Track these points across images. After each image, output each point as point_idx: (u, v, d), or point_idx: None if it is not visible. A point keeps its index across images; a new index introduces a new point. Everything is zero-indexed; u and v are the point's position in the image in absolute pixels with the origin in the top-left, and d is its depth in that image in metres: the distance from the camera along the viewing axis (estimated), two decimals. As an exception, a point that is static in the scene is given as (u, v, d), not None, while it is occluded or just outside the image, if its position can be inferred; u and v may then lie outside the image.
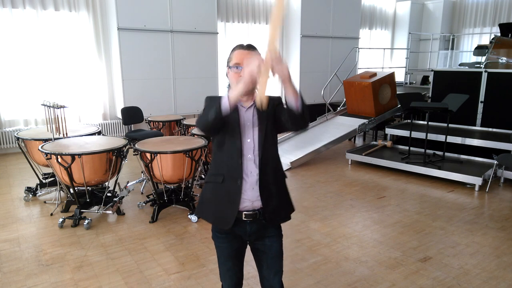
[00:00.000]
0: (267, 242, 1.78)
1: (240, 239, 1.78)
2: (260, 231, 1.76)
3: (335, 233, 3.50)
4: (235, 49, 1.68)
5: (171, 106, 7.13)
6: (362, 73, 6.90)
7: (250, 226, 1.73)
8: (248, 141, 1.68)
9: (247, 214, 1.69)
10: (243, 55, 1.63)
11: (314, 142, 6.13)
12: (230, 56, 1.69)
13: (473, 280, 2.74)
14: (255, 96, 1.67)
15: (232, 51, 1.69)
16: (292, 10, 8.64)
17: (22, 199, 4.29)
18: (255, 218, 1.71)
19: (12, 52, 6.15)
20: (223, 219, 1.71)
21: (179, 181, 3.80)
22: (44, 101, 4.05)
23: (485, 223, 3.72)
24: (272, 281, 1.82)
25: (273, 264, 1.80)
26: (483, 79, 5.92)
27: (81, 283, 2.70)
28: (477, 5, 10.56)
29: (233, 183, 1.67)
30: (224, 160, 1.69)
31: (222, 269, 1.83)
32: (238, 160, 1.65)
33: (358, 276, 2.79)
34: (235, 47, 1.70)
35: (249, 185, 1.68)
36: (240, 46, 1.68)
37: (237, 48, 1.68)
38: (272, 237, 1.79)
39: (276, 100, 1.74)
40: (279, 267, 1.82)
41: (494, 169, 4.80)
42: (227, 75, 1.73)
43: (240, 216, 1.69)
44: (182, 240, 3.34)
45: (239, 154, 1.66)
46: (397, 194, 4.53)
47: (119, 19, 6.33)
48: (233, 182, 1.67)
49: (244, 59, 1.60)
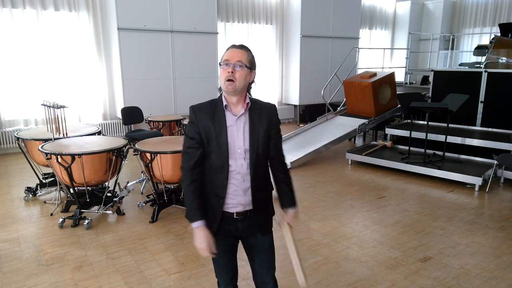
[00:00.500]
0: (259, 236, 1.79)
1: (232, 236, 1.79)
2: (252, 228, 1.77)
3: (335, 233, 3.50)
4: (227, 48, 1.67)
5: (171, 106, 7.14)
6: (362, 73, 6.90)
7: (242, 223, 1.74)
8: (238, 151, 1.65)
9: (239, 213, 1.71)
10: (234, 53, 1.62)
11: (314, 142, 6.13)
12: (223, 55, 1.68)
13: (473, 280, 2.74)
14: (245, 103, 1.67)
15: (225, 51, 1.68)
16: (292, 10, 8.64)
17: (22, 199, 4.29)
18: (246, 216, 1.73)
19: (12, 52, 6.15)
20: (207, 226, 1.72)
21: (179, 181, 3.80)
22: (44, 101, 4.05)
23: (485, 223, 3.72)
24: (265, 277, 1.83)
25: (266, 260, 1.82)
26: (483, 79, 5.92)
27: (81, 283, 2.70)
28: (477, 5, 10.57)
29: (215, 200, 1.69)
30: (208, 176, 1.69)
31: (217, 265, 1.84)
32: (224, 180, 1.65)
33: (358, 276, 2.79)
34: (228, 47, 1.68)
35: (240, 191, 1.68)
36: (233, 46, 1.67)
37: (229, 48, 1.67)
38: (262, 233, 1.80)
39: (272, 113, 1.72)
40: (272, 262, 1.84)
41: (494, 169, 4.80)
42: None
43: (231, 215, 1.71)
44: (182, 240, 3.34)
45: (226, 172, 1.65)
46: (397, 194, 4.53)
47: (119, 19, 6.33)
48: (216, 199, 1.68)
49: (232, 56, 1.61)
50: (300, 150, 5.92)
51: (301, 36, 8.52)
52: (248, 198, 1.69)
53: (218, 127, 1.62)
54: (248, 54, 1.64)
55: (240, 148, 1.65)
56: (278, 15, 8.85)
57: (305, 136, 6.51)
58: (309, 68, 8.87)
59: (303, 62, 8.72)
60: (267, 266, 1.82)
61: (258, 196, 1.72)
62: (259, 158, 1.68)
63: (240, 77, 1.60)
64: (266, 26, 8.76)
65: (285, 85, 9.26)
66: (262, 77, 8.82)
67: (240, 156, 1.65)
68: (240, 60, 1.60)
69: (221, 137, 1.63)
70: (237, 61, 1.59)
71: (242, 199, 1.68)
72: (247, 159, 1.65)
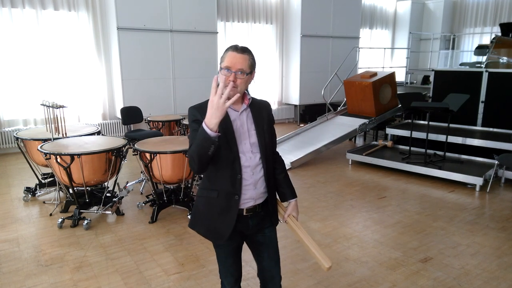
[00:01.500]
0: (267, 232, 1.82)
1: (239, 235, 1.79)
2: (260, 223, 1.79)
3: (336, 234, 3.49)
4: (228, 49, 1.64)
5: (170, 106, 7.12)
6: (362, 73, 6.89)
7: (252, 219, 1.76)
8: (245, 144, 1.67)
9: (249, 209, 1.73)
10: (235, 59, 1.59)
11: (314, 142, 6.12)
12: (223, 56, 1.65)
13: (474, 281, 2.73)
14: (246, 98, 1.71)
15: (225, 51, 1.64)
16: (292, 9, 8.63)
17: (21, 199, 4.28)
18: (255, 212, 1.74)
19: (11, 52, 6.14)
20: (216, 234, 1.72)
21: (178, 181, 3.79)
22: (44, 101, 4.04)
23: (486, 223, 3.71)
24: (274, 271, 1.86)
25: (273, 254, 1.85)
26: (483, 79, 5.90)
27: (80, 283, 2.69)
28: (478, 5, 10.55)
29: (229, 198, 1.68)
30: (219, 174, 1.67)
31: (223, 266, 1.84)
32: (237, 175, 1.65)
33: (358, 277, 2.78)
34: (229, 48, 1.65)
35: (251, 186, 1.69)
36: (234, 48, 1.63)
37: (230, 50, 1.63)
38: (270, 227, 1.83)
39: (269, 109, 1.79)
40: (278, 256, 1.87)
41: (495, 169, 4.79)
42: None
43: (241, 213, 1.72)
44: (182, 241, 3.33)
45: (238, 167, 1.65)
46: (397, 194, 4.52)
47: (118, 18, 6.32)
48: (229, 197, 1.67)
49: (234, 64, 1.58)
50: (300, 150, 5.91)
51: (301, 35, 8.51)
52: (259, 191, 1.72)
53: (223, 123, 1.60)
54: (249, 58, 1.63)
55: (246, 142, 1.67)
56: (278, 14, 8.84)
57: (305, 136, 6.49)
58: (309, 68, 8.85)
59: (303, 62, 8.71)
60: (275, 260, 1.86)
61: (270, 186, 1.76)
62: (267, 149, 1.73)
63: (241, 83, 1.62)
64: (266, 26, 8.75)
65: (285, 85, 9.25)
66: (262, 77, 8.82)
67: (248, 150, 1.67)
68: (241, 68, 1.59)
69: (228, 132, 1.64)
70: (238, 69, 1.59)
71: (253, 193, 1.70)
72: (255, 152, 1.69)
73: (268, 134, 1.74)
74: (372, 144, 6.36)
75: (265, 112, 1.76)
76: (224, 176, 1.66)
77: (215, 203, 1.69)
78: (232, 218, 1.68)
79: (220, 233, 1.70)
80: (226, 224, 1.69)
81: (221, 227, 1.69)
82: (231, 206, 1.68)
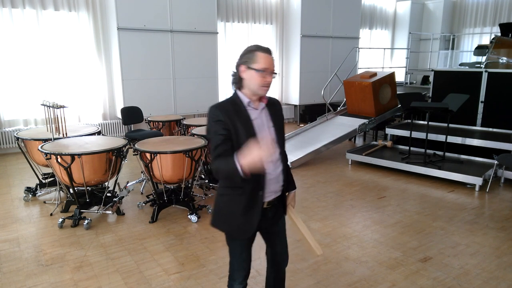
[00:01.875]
0: (280, 223, 1.94)
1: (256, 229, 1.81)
2: (276, 214, 1.88)
3: (335, 233, 3.49)
4: (256, 50, 1.66)
5: (171, 106, 7.13)
6: (362, 73, 6.89)
7: (270, 211, 1.83)
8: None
9: (270, 202, 1.80)
10: (269, 60, 1.67)
11: (314, 142, 6.13)
12: (249, 56, 1.66)
13: (474, 281, 2.73)
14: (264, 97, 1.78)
15: (252, 52, 1.66)
16: (292, 9, 8.64)
17: (21, 199, 4.28)
18: (273, 204, 1.84)
19: (11, 52, 6.14)
20: (241, 230, 1.77)
21: (179, 181, 3.80)
22: (44, 101, 4.05)
23: (485, 223, 3.72)
24: (284, 254, 2.01)
25: (284, 239, 1.99)
26: (483, 79, 5.91)
27: (81, 283, 2.70)
28: (477, 5, 10.56)
29: (254, 194, 1.72)
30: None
31: (237, 261, 1.87)
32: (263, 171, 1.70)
33: (358, 277, 2.79)
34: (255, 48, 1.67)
35: (274, 180, 1.77)
36: (265, 50, 1.67)
37: (259, 51, 1.66)
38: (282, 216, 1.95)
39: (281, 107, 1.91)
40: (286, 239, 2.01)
41: (495, 169, 4.80)
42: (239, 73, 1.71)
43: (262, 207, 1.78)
44: (182, 240, 3.34)
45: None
46: (397, 194, 4.53)
47: (118, 19, 6.32)
48: (254, 193, 1.72)
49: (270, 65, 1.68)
50: (300, 150, 5.92)
51: (301, 36, 8.51)
52: (279, 184, 1.81)
53: (244, 122, 1.68)
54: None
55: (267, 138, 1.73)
56: (278, 15, 8.85)
57: (305, 136, 6.50)
58: (309, 68, 8.86)
59: (303, 62, 8.72)
60: (285, 243, 2.00)
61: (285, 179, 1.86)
62: (283, 144, 1.85)
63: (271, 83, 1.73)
64: (266, 26, 8.76)
65: (285, 85, 9.26)
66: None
67: None
68: (273, 69, 1.71)
69: (251, 130, 1.70)
70: (272, 70, 1.70)
71: (276, 187, 1.79)
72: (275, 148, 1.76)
73: (282, 130, 1.85)
74: (372, 144, 6.37)
75: (279, 109, 1.86)
76: None
77: (239, 200, 1.73)
78: (257, 213, 1.74)
79: (244, 229, 1.76)
80: (251, 220, 1.74)
81: (245, 223, 1.74)
82: (255, 202, 1.73)
